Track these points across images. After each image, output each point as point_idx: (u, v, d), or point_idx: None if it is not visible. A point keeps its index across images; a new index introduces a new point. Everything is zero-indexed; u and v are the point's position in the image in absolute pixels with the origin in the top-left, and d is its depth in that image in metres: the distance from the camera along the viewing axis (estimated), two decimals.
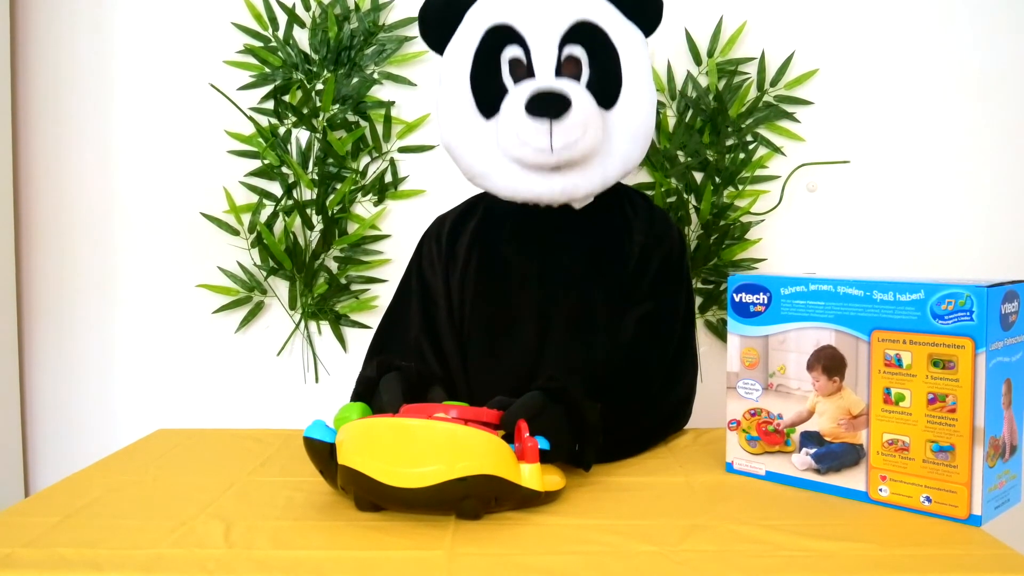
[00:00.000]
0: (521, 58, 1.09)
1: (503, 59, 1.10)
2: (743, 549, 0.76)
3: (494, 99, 1.10)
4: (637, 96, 1.11)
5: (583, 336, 1.11)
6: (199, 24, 1.63)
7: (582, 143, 1.06)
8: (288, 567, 0.74)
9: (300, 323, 1.64)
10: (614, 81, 1.10)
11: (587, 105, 1.06)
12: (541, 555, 0.76)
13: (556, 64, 1.09)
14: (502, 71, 1.10)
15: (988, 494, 0.81)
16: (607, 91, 1.10)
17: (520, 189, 1.11)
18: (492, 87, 1.10)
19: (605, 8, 1.12)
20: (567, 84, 1.07)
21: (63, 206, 1.67)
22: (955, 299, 0.81)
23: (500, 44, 1.10)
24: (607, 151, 1.10)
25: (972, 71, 1.57)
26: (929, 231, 1.59)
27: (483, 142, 1.11)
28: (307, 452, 0.88)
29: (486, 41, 1.10)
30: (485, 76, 1.10)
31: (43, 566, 0.74)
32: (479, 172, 1.14)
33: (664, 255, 1.14)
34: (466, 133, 1.13)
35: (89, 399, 1.69)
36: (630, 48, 1.12)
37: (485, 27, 1.11)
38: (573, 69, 1.10)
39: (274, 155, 1.61)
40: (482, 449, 0.82)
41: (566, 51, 1.09)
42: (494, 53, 1.10)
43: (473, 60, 1.11)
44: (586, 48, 1.09)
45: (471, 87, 1.11)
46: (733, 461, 0.99)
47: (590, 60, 1.10)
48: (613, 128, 1.10)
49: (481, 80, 1.11)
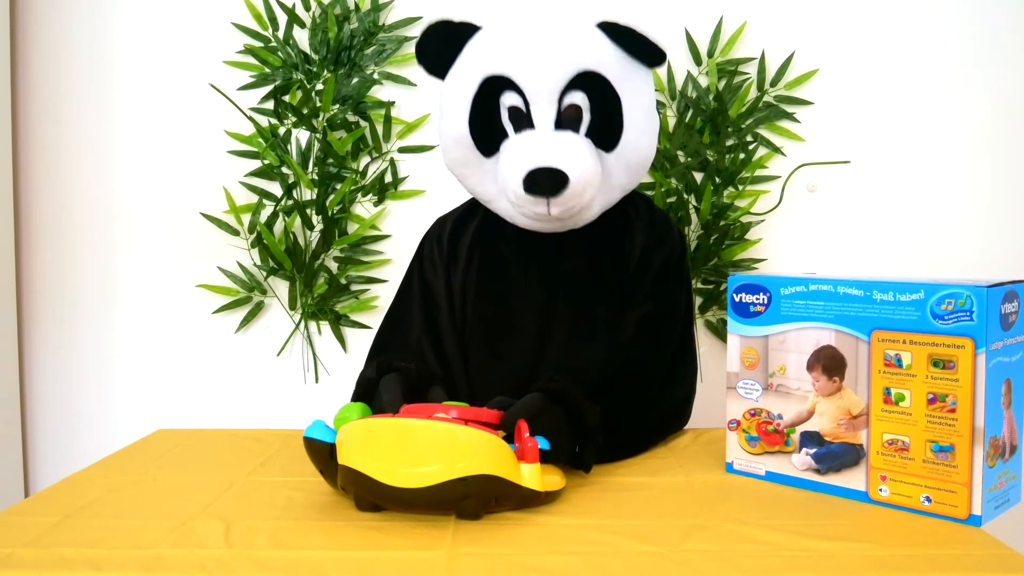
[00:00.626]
0: (520, 107, 1.08)
1: (502, 104, 1.09)
2: (743, 549, 0.76)
3: (494, 142, 1.10)
4: (638, 136, 1.10)
5: (584, 337, 1.11)
6: (199, 24, 1.63)
7: (581, 204, 1.07)
8: (288, 567, 0.74)
9: (300, 323, 1.64)
10: (615, 127, 1.08)
11: (586, 171, 1.05)
12: (541, 555, 0.76)
13: (556, 114, 1.07)
14: (501, 116, 1.09)
15: (988, 494, 0.81)
16: (608, 136, 1.08)
17: (521, 221, 1.13)
18: (491, 131, 1.10)
19: (605, 51, 1.07)
20: (565, 146, 1.05)
21: (63, 206, 1.67)
22: (955, 299, 0.81)
23: (498, 91, 1.08)
24: (606, 186, 1.11)
25: (972, 70, 1.57)
26: (929, 231, 1.59)
27: (484, 176, 1.12)
28: (307, 452, 0.88)
29: (484, 88, 1.08)
30: (484, 122, 1.10)
31: (43, 566, 0.74)
32: (482, 197, 1.16)
33: (665, 256, 1.14)
34: (467, 168, 1.14)
35: (89, 399, 1.69)
36: (632, 90, 1.09)
37: (482, 75, 1.08)
38: (573, 114, 1.07)
39: (274, 155, 1.61)
40: (482, 449, 0.82)
41: (567, 100, 1.07)
42: (492, 99, 1.09)
43: (471, 106, 1.09)
44: (587, 94, 1.07)
45: (470, 131, 1.10)
46: (733, 461, 0.99)
47: (591, 106, 1.07)
48: (612, 166, 1.10)
49: (480, 125, 1.10)
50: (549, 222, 1.10)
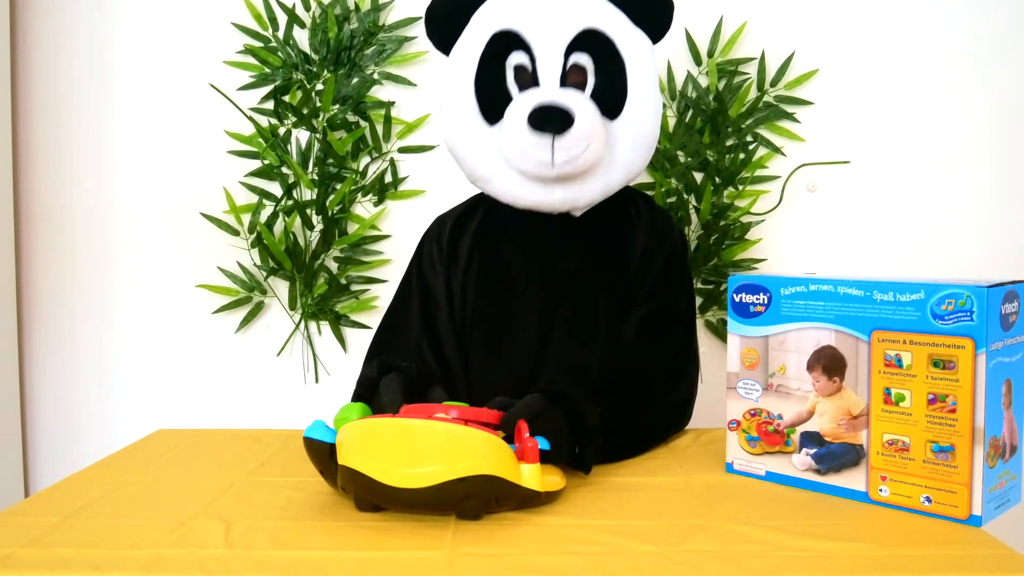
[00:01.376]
0: (526, 65, 1.08)
1: (508, 65, 1.09)
2: (743, 549, 0.76)
3: (498, 106, 1.09)
4: (642, 106, 1.10)
5: (585, 337, 1.11)
6: (199, 24, 1.63)
7: (584, 157, 1.06)
8: (288, 567, 0.74)
9: (300, 323, 1.64)
10: (619, 91, 1.09)
11: (590, 119, 1.05)
12: (542, 555, 0.76)
13: (561, 73, 1.08)
14: (507, 77, 1.09)
15: (988, 494, 0.81)
16: (612, 101, 1.09)
17: (520, 197, 1.11)
18: (496, 94, 1.09)
19: (613, 15, 1.10)
20: (571, 96, 1.06)
21: (63, 206, 1.67)
22: (955, 299, 0.81)
23: (505, 50, 1.09)
24: (609, 161, 1.10)
25: (972, 70, 1.57)
26: (929, 231, 1.59)
27: (486, 147, 1.11)
28: (307, 452, 0.88)
29: (491, 46, 1.09)
30: (489, 82, 1.10)
31: (43, 566, 0.74)
32: (481, 176, 1.14)
33: (666, 257, 1.14)
34: (469, 138, 1.12)
35: (89, 399, 1.69)
36: (637, 57, 1.10)
37: (491, 32, 1.09)
38: (578, 77, 1.08)
39: (274, 155, 1.61)
40: (482, 449, 0.82)
41: (572, 59, 1.08)
42: (499, 59, 1.09)
43: (478, 66, 1.10)
44: (592, 56, 1.08)
45: (475, 93, 1.10)
46: (733, 461, 0.99)
47: (596, 69, 1.08)
48: (616, 138, 1.09)
49: (485, 86, 1.10)
50: (551, 187, 1.09)
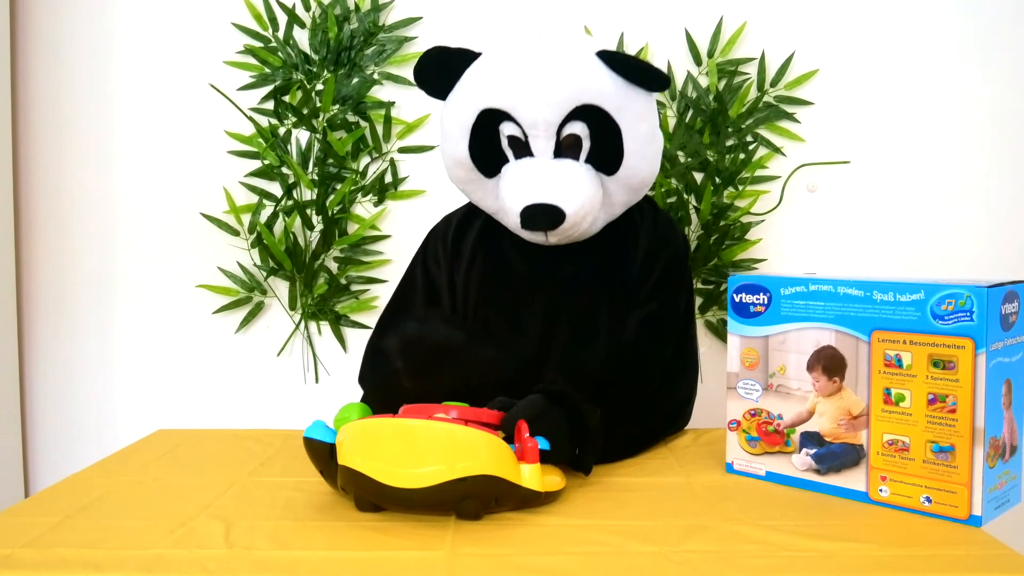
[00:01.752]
0: (519, 136, 1.08)
1: (501, 133, 1.09)
2: (743, 549, 0.76)
3: (495, 165, 1.11)
4: (638, 162, 1.09)
5: (586, 337, 1.11)
6: (199, 24, 1.63)
7: (580, 231, 1.09)
8: (288, 567, 0.74)
9: (300, 323, 1.64)
10: (616, 154, 1.08)
11: (585, 199, 1.06)
12: (542, 555, 0.76)
13: (555, 144, 1.08)
14: (501, 142, 1.10)
15: (988, 494, 0.81)
16: (608, 163, 1.08)
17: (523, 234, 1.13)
18: (491, 157, 1.11)
19: (604, 81, 1.06)
20: (563, 177, 1.06)
21: (63, 206, 1.67)
22: (955, 299, 0.81)
23: (497, 122, 1.08)
24: (607, 204, 1.11)
25: (972, 71, 1.57)
26: (929, 231, 1.59)
27: (487, 194, 1.14)
28: (307, 452, 0.88)
29: (482, 119, 1.09)
30: (483, 149, 1.10)
31: (43, 567, 0.74)
32: (488, 211, 1.18)
33: (668, 259, 1.14)
34: (471, 185, 1.15)
35: (89, 399, 1.69)
36: (632, 118, 1.08)
37: (480, 107, 1.08)
38: (572, 143, 1.08)
39: (274, 155, 1.61)
40: (482, 449, 0.82)
41: (565, 130, 1.07)
42: (492, 128, 1.09)
43: (470, 134, 1.10)
44: (587, 124, 1.06)
45: (470, 157, 1.11)
46: (733, 461, 0.99)
47: (591, 135, 1.07)
48: (614, 188, 1.10)
49: (480, 151, 1.11)
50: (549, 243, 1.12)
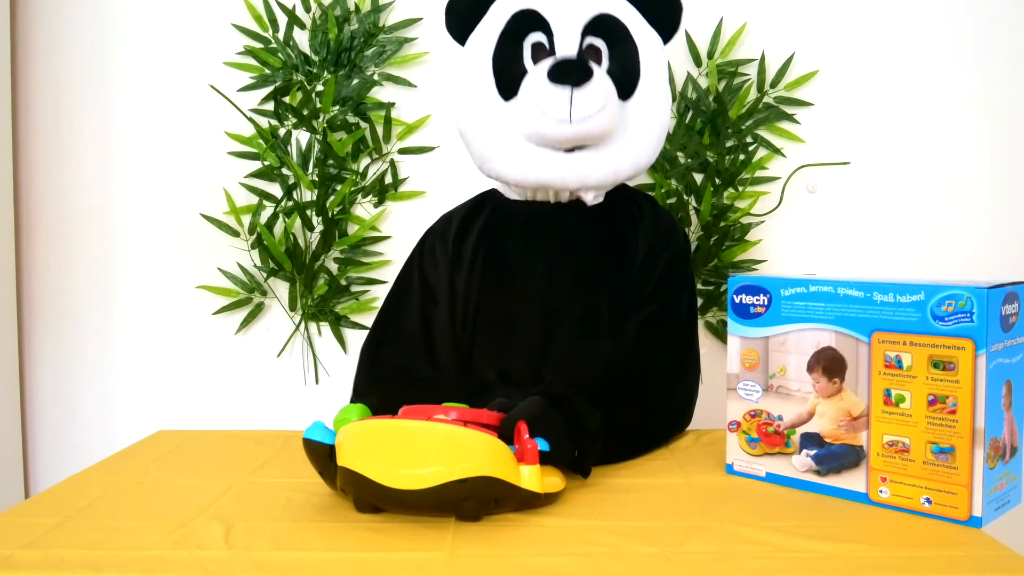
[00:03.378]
0: (544, 43, 1.12)
1: (526, 44, 1.12)
2: (743, 550, 0.76)
3: (515, 81, 1.11)
4: (653, 92, 1.15)
5: (587, 338, 1.11)
6: (199, 25, 1.63)
7: (600, 117, 1.07)
8: (288, 568, 0.74)
9: (300, 324, 1.64)
10: (633, 73, 1.12)
11: (607, 82, 1.09)
12: (542, 556, 0.76)
13: (578, 50, 1.11)
14: (524, 55, 1.12)
15: (988, 496, 0.81)
16: (625, 81, 1.12)
17: (530, 174, 1.11)
18: (514, 69, 1.12)
19: (627, 7, 1.15)
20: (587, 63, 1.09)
21: (63, 206, 1.67)
22: (955, 300, 0.81)
23: (525, 29, 1.12)
24: (620, 141, 1.12)
25: (972, 71, 1.57)
26: (929, 232, 1.59)
27: (500, 124, 1.12)
28: (306, 454, 0.88)
29: (511, 25, 1.13)
30: (508, 58, 1.12)
31: (43, 567, 0.74)
32: (491, 156, 1.14)
33: (669, 258, 1.14)
34: (483, 115, 1.14)
35: (89, 399, 1.69)
36: (649, 46, 1.15)
37: (510, 12, 1.13)
38: (594, 57, 1.12)
39: (274, 156, 1.61)
40: (482, 451, 0.82)
41: (588, 41, 1.12)
42: (518, 37, 1.12)
43: (496, 43, 1.13)
44: (607, 41, 1.12)
45: (493, 68, 1.12)
46: (733, 462, 0.99)
47: (610, 51, 1.12)
48: (628, 120, 1.12)
49: (503, 61, 1.12)
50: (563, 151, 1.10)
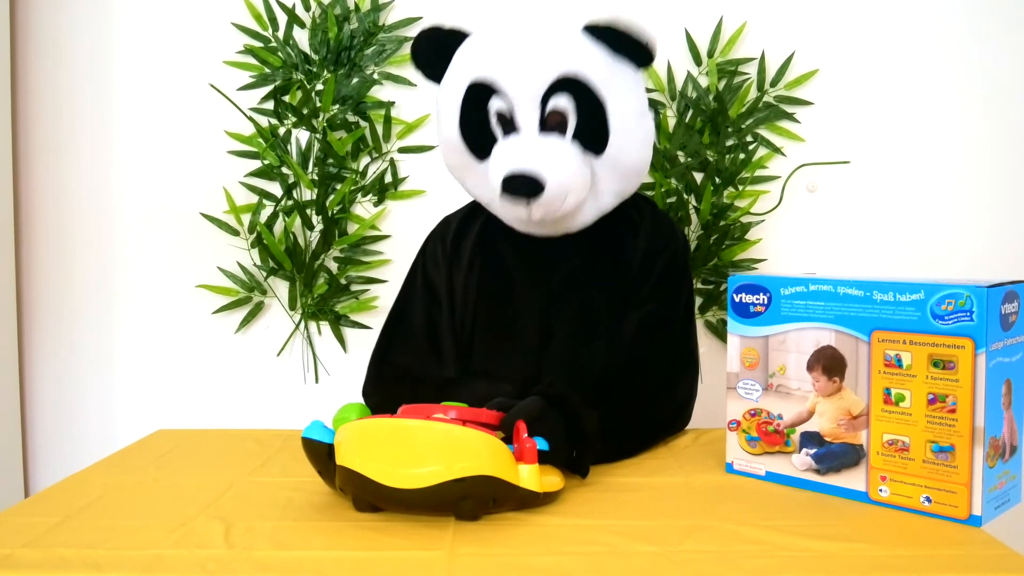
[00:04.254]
0: (505, 112, 1.08)
1: (490, 109, 1.09)
2: (743, 549, 0.76)
3: (485, 146, 1.10)
4: (627, 140, 1.09)
5: (586, 339, 1.11)
6: (199, 24, 1.63)
7: (563, 208, 1.07)
8: (288, 568, 0.74)
9: (300, 323, 1.64)
10: (601, 130, 1.07)
11: (566, 173, 1.05)
12: (542, 556, 0.76)
13: (540, 118, 1.07)
14: (490, 121, 1.10)
15: (988, 494, 0.81)
16: (594, 140, 1.08)
17: (518, 225, 1.14)
18: (482, 136, 1.11)
19: (590, 53, 1.06)
20: (546, 150, 1.05)
21: (63, 206, 1.67)
22: (955, 299, 0.81)
23: (485, 97, 1.08)
24: (597, 191, 1.11)
25: (972, 71, 1.57)
26: (929, 231, 1.59)
27: (480, 179, 1.13)
28: (305, 453, 0.88)
29: (471, 94, 1.09)
30: (473, 128, 1.11)
31: (43, 567, 0.74)
32: (482, 201, 1.18)
33: (668, 259, 1.14)
34: (464, 171, 1.16)
35: (89, 399, 1.69)
36: (619, 93, 1.07)
37: (468, 81, 1.09)
38: (558, 119, 1.07)
39: (274, 155, 1.61)
40: (480, 450, 0.82)
41: (551, 104, 1.06)
42: (480, 105, 1.09)
43: (460, 114, 1.11)
44: (572, 97, 1.06)
45: (461, 136, 1.12)
46: (733, 461, 0.99)
47: (576, 109, 1.06)
48: (603, 171, 1.10)
49: (470, 132, 1.11)
50: (534, 225, 1.11)
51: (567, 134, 1.07)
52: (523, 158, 1.05)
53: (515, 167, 1.04)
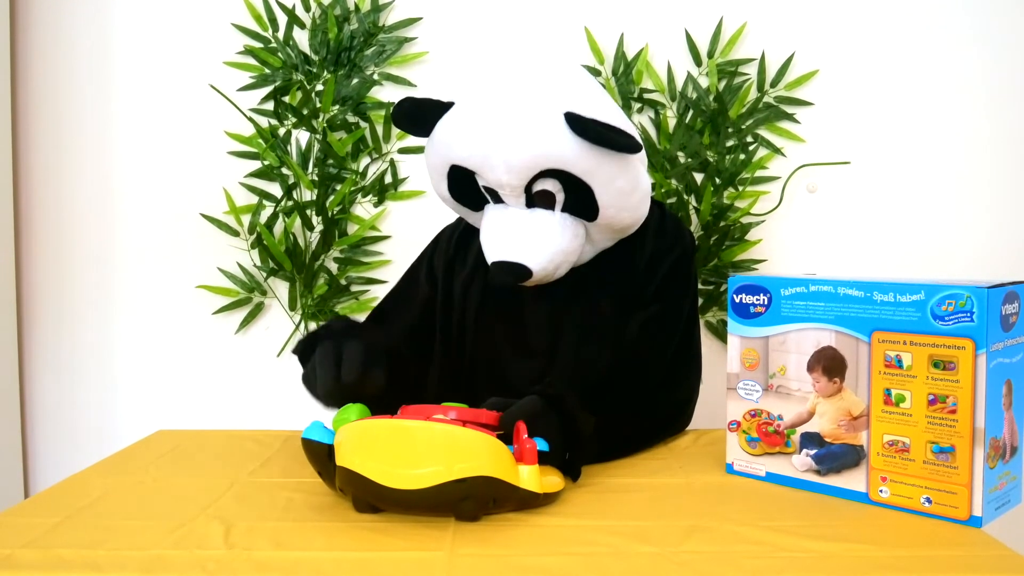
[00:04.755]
0: (492, 188, 1.07)
1: (478, 181, 1.08)
2: (743, 550, 0.76)
3: (478, 203, 1.11)
4: (617, 212, 1.07)
5: (592, 342, 1.11)
6: (199, 25, 1.63)
7: (555, 276, 1.08)
8: (288, 568, 0.74)
9: (300, 324, 1.64)
10: (591, 206, 1.05)
11: (555, 252, 1.05)
12: (542, 556, 0.76)
13: (527, 199, 1.06)
14: (479, 184, 1.09)
15: (988, 495, 0.81)
16: (585, 213, 1.06)
17: None
18: (472, 197, 1.11)
19: (569, 145, 1.00)
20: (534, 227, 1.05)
21: (63, 206, 1.67)
22: (955, 300, 0.81)
23: (470, 174, 1.07)
24: (594, 240, 1.11)
25: (972, 71, 1.57)
26: (929, 231, 1.59)
27: (478, 222, 1.14)
28: (305, 453, 0.88)
29: (455, 172, 1.08)
30: (463, 191, 1.11)
31: (43, 567, 0.74)
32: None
33: (675, 259, 1.14)
34: (461, 215, 1.18)
35: (89, 399, 1.69)
36: (606, 178, 1.04)
37: (450, 164, 1.08)
38: (545, 197, 1.05)
39: (274, 156, 1.61)
40: (480, 451, 0.82)
41: (536, 187, 1.04)
42: (467, 178, 1.08)
43: (448, 181, 1.10)
44: (558, 181, 1.03)
45: (453, 198, 1.13)
46: (733, 462, 0.99)
47: (564, 188, 1.04)
48: (597, 232, 1.09)
49: (460, 194, 1.11)
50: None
51: (557, 207, 1.06)
52: (507, 245, 1.05)
53: (500, 255, 1.04)
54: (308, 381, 0.97)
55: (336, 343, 0.95)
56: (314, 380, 0.94)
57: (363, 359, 0.93)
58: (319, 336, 0.99)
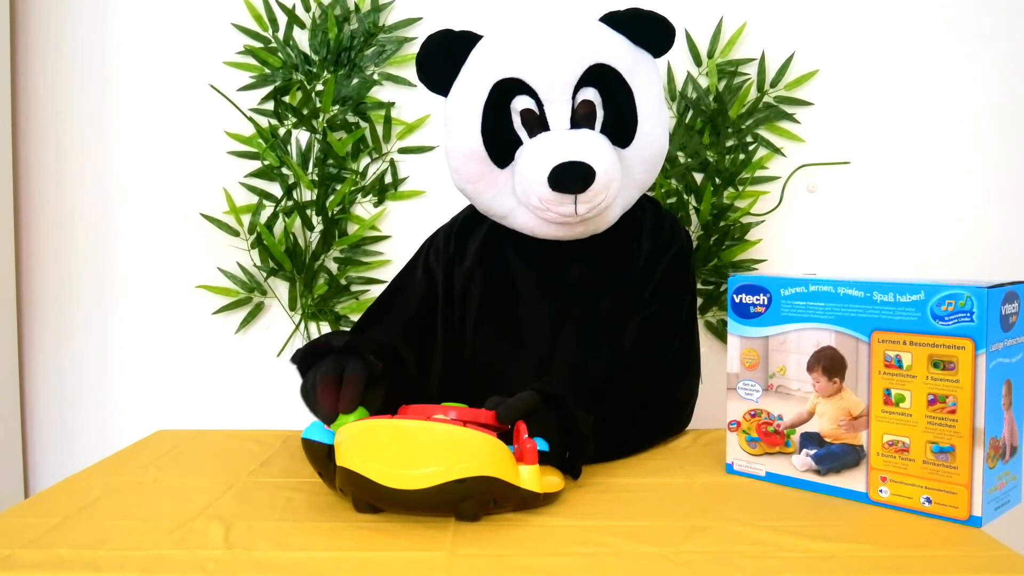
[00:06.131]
0: (533, 108, 1.05)
1: (513, 109, 1.06)
2: (743, 550, 0.76)
3: (508, 150, 1.07)
4: (652, 129, 1.08)
5: (591, 341, 1.11)
6: (199, 25, 1.63)
7: (607, 200, 1.04)
8: (288, 568, 0.74)
9: (300, 324, 1.64)
10: (630, 121, 1.06)
11: (608, 163, 1.02)
12: (542, 556, 0.76)
13: (570, 112, 1.05)
14: (513, 122, 1.07)
15: (988, 495, 0.81)
16: (623, 132, 1.06)
17: (539, 232, 1.10)
18: (505, 139, 1.07)
19: (614, 43, 1.07)
20: (586, 142, 1.03)
21: (63, 207, 1.67)
22: (955, 300, 0.81)
23: (509, 96, 1.05)
24: (626, 183, 1.09)
25: (972, 72, 1.57)
26: (929, 231, 1.59)
27: (499, 189, 1.09)
28: (305, 453, 0.88)
29: (494, 94, 1.06)
30: (496, 130, 1.07)
31: (43, 567, 0.74)
32: (497, 214, 1.13)
33: (672, 258, 1.14)
34: (480, 182, 1.10)
35: (89, 399, 1.69)
36: (643, 81, 1.07)
37: (492, 80, 1.06)
38: (587, 112, 1.06)
39: (274, 156, 1.61)
40: (481, 451, 0.82)
41: (579, 96, 1.05)
42: (504, 105, 1.06)
43: (483, 115, 1.07)
44: (599, 90, 1.05)
45: (483, 141, 1.07)
46: (733, 462, 0.99)
47: (604, 102, 1.05)
48: (629, 163, 1.08)
49: (493, 134, 1.07)
50: (573, 226, 1.07)
51: (596, 127, 1.06)
52: (565, 149, 1.02)
53: (564, 157, 1.00)
54: (307, 397, 0.95)
55: (336, 366, 0.92)
56: (314, 401, 0.92)
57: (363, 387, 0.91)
58: (317, 353, 0.96)
